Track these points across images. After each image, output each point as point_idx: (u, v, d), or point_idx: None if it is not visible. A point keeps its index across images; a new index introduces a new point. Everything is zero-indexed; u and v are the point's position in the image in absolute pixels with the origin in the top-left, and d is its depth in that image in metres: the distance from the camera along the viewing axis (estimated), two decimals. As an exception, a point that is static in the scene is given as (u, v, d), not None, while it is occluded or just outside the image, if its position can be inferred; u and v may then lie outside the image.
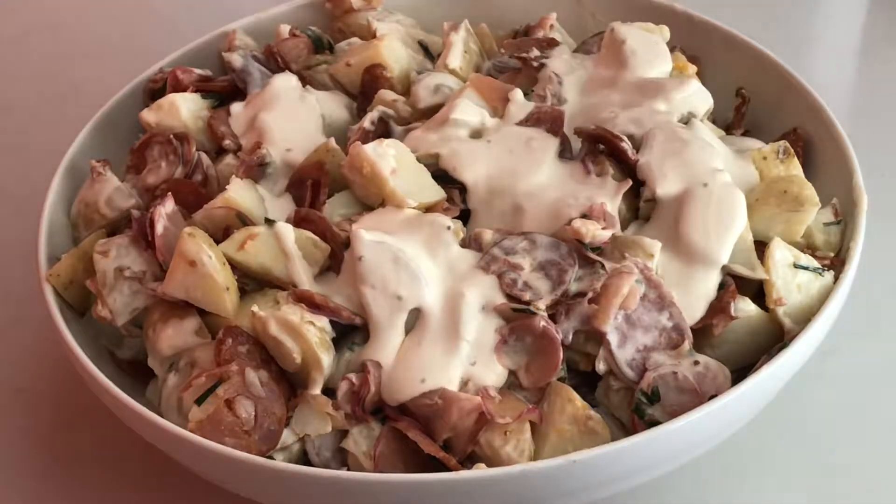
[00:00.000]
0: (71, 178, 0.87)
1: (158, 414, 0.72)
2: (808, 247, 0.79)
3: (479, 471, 0.67)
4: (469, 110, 0.85)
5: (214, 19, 0.94)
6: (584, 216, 0.76)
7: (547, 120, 0.83)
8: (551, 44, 0.92)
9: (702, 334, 0.74)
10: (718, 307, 0.74)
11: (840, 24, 1.21)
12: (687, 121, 0.84)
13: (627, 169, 0.80)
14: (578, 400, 0.71)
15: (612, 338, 0.73)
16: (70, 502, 0.82)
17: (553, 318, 0.73)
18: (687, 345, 0.73)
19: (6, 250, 0.98)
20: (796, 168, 0.82)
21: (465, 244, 0.77)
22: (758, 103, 0.90)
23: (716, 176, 0.78)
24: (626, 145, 0.80)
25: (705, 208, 0.76)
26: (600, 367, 0.73)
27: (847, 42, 1.16)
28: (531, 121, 0.84)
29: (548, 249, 0.76)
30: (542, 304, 0.73)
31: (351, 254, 0.76)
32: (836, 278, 0.75)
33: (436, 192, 0.80)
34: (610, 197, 0.78)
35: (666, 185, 0.78)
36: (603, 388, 0.74)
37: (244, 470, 0.68)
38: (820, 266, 0.76)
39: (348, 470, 0.72)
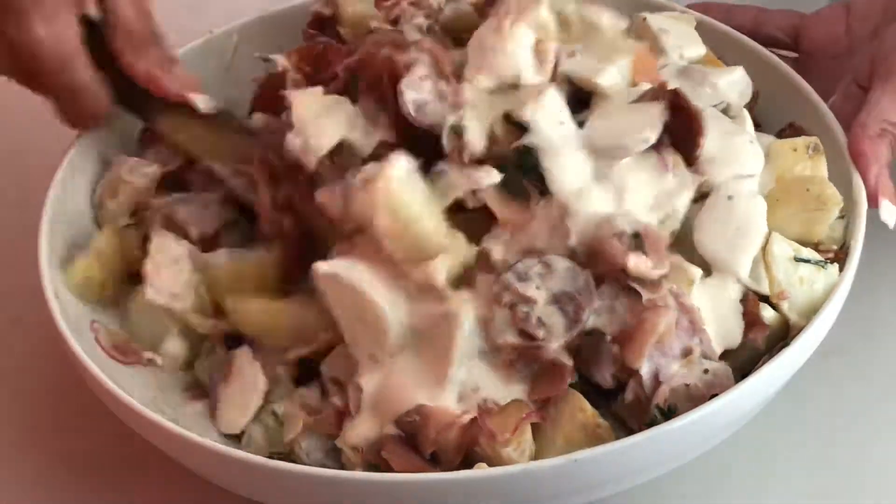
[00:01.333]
0: (72, 178, 0.87)
1: (159, 414, 0.72)
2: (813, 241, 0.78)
3: (480, 470, 0.67)
4: (615, 80, 0.76)
5: (216, 19, 0.94)
6: (637, 234, 0.70)
7: (652, 95, 0.75)
8: None
9: (727, 346, 0.74)
10: (749, 320, 0.73)
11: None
12: (725, 111, 0.81)
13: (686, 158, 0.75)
14: (589, 409, 0.70)
15: (645, 371, 0.70)
16: (70, 502, 0.82)
17: (576, 350, 0.71)
18: (697, 352, 0.72)
19: (6, 250, 0.97)
20: (822, 165, 0.81)
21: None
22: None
23: (743, 182, 0.76)
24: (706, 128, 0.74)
25: (727, 219, 0.74)
26: (629, 396, 0.71)
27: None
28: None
29: (564, 278, 0.70)
30: (555, 344, 0.69)
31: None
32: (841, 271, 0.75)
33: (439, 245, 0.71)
34: (689, 193, 0.74)
35: (720, 178, 0.75)
36: (620, 402, 0.73)
37: (246, 470, 0.69)
38: (822, 259, 0.76)
39: (343, 468, 0.71)
